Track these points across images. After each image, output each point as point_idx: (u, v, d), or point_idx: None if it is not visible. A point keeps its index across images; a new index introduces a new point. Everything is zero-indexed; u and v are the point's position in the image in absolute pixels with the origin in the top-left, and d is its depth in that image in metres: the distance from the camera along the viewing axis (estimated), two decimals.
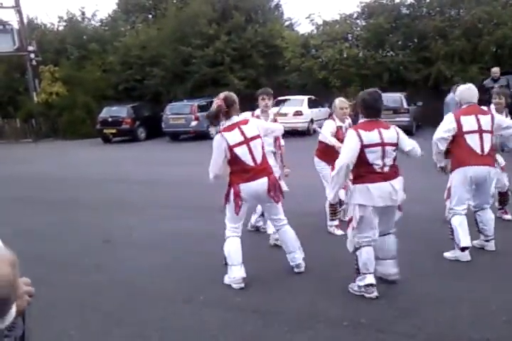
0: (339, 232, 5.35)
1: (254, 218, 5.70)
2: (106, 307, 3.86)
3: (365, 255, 3.73)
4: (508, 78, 11.26)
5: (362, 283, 3.74)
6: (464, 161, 4.36)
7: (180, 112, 18.08)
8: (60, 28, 26.70)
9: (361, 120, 3.80)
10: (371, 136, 3.64)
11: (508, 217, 5.67)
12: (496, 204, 5.64)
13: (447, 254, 4.50)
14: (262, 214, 5.39)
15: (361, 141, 3.62)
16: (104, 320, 3.67)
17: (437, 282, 3.77)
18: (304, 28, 42.09)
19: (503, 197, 5.64)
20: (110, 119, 19.03)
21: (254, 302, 3.80)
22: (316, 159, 5.64)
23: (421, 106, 15.99)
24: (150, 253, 5.17)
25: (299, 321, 3.45)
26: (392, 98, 15.68)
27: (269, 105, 5.42)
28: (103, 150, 17.53)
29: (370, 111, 3.74)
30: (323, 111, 18.78)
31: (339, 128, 5.36)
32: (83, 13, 26.80)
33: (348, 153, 3.67)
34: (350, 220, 3.82)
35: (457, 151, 4.41)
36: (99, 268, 4.76)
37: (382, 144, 3.65)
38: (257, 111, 5.41)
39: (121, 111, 19.29)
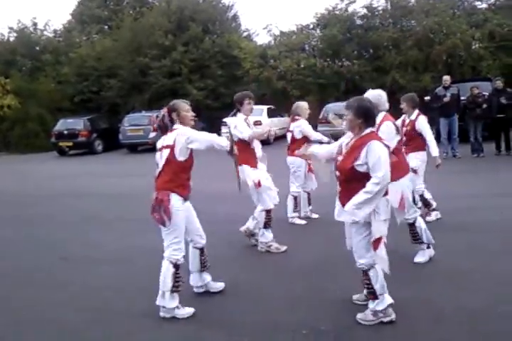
0: (302, 222, 6.20)
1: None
2: (70, 324, 3.71)
3: (381, 273, 3.38)
4: (458, 86, 11.64)
5: (382, 307, 3.36)
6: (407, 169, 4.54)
7: (138, 123, 17.85)
8: (11, 39, 25.99)
9: (368, 129, 3.36)
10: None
11: (430, 218, 5.82)
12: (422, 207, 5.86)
13: (420, 259, 4.51)
14: None
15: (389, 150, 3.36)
16: (68, 337, 3.52)
17: (391, 287, 3.78)
18: (262, 38, 42.63)
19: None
20: (66, 132, 18.57)
21: (215, 315, 3.72)
22: (292, 158, 6.08)
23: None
24: (114, 268, 5.00)
25: (260, 331, 3.38)
26: None
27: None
28: (59, 163, 17.06)
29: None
30: (283, 120, 18.93)
31: None
32: (35, 24, 26.20)
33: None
34: (379, 239, 3.30)
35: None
36: (61, 285, 4.57)
37: None
38: (240, 117, 5.09)
39: (77, 124, 18.86)
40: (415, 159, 5.59)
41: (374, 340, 3.18)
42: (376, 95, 4.35)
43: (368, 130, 3.35)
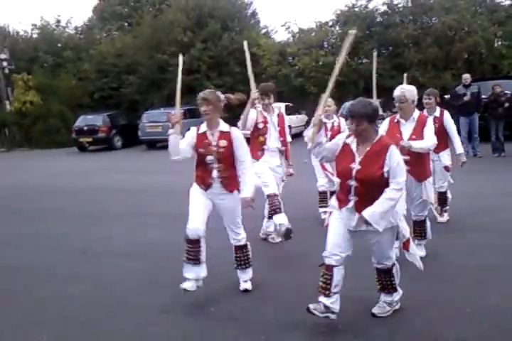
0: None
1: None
2: (84, 318, 3.77)
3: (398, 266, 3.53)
4: (479, 84, 11.49)
5: (398, 296, 3.52)
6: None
7: (157, 120, 17.98)
8: (34, 36, 26.39)
9: (379, 134, 3.31)
10: None
11: (442, 219, 5.76)
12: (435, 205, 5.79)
13: (422, 253, 4.53)
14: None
15: None
16: (82, 330, 3.58)
17: (409, 285, 3.78)
18: (281, 35, 42.47)
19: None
20: (86, 128, 18.83)
21: (232, 311, 3.76)
22: None
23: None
24: (128, 262, 5.07)
25: (276, 329, 3.42)
26: None
27: (267, 103, 5.19)
28: (79, 159, 17.30)
29: None
30: (301, 117, 18.92)
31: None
32: (58, 21, 26.55)
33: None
34: (409, 239, 3.48)
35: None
36: (78, 279, 4.65)
37: None
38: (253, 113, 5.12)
39: (97, 120, 19.11)
40: (447, 156, 5.64)
41: (393, 339, 3.19)
42: (414, 91, 4.41)
43: (379, 134, 3.28)
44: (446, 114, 5.56)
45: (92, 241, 5.95)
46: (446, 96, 12.21)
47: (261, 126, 5.11)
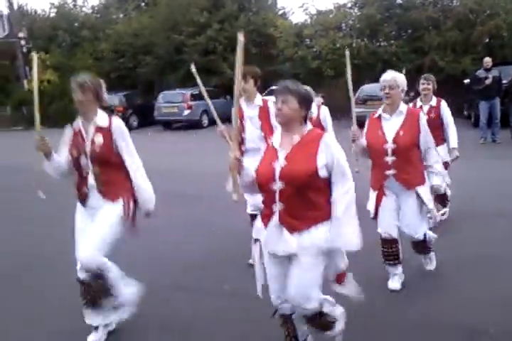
0: None
1: None
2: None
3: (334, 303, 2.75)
4: (500, 69, 11.27)
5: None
6: None
7: (172, 101, 18.03)
8: (52, 15, 26.39)
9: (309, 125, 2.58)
10: None
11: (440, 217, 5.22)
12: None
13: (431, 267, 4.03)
14: None
15: None
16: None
17: (424, 272, 3.79)
18: (298, 17, 41.81)
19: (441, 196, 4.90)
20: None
21: (245, 289, 3.80)
22: None
23: (413, 96, 16.00)
24: (140, 241, 5.13)
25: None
26: None
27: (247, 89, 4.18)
28: None
29: None
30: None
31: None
32: (75, 0, 26.49)
33: None
34: (344, 273, 2.64)
35: None
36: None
37: None
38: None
39: (113, 100, 19.11)
40: (445, 151, 5.03)
41: (390, 333, 3.17)
42: (405, 79, 3.62)
43: (309, 126, 2.54)
44: (444, 104, 5.12)
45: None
46: (466, 81, 12.05)
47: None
